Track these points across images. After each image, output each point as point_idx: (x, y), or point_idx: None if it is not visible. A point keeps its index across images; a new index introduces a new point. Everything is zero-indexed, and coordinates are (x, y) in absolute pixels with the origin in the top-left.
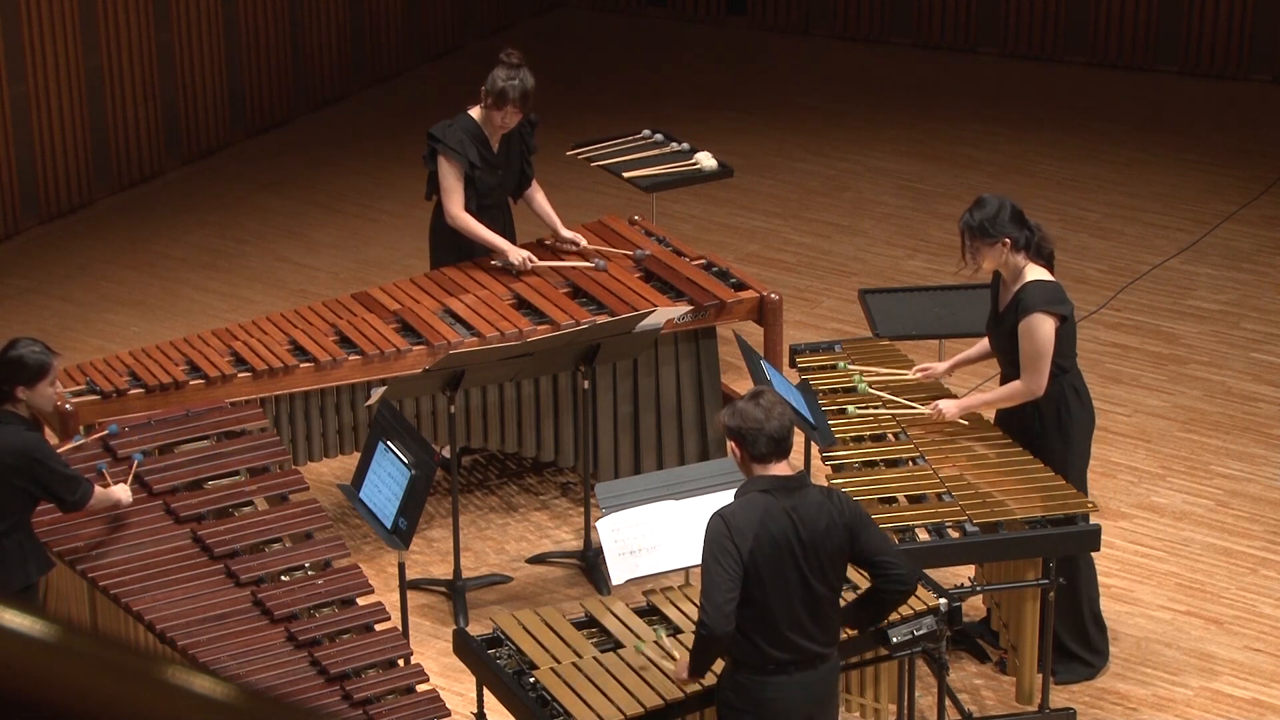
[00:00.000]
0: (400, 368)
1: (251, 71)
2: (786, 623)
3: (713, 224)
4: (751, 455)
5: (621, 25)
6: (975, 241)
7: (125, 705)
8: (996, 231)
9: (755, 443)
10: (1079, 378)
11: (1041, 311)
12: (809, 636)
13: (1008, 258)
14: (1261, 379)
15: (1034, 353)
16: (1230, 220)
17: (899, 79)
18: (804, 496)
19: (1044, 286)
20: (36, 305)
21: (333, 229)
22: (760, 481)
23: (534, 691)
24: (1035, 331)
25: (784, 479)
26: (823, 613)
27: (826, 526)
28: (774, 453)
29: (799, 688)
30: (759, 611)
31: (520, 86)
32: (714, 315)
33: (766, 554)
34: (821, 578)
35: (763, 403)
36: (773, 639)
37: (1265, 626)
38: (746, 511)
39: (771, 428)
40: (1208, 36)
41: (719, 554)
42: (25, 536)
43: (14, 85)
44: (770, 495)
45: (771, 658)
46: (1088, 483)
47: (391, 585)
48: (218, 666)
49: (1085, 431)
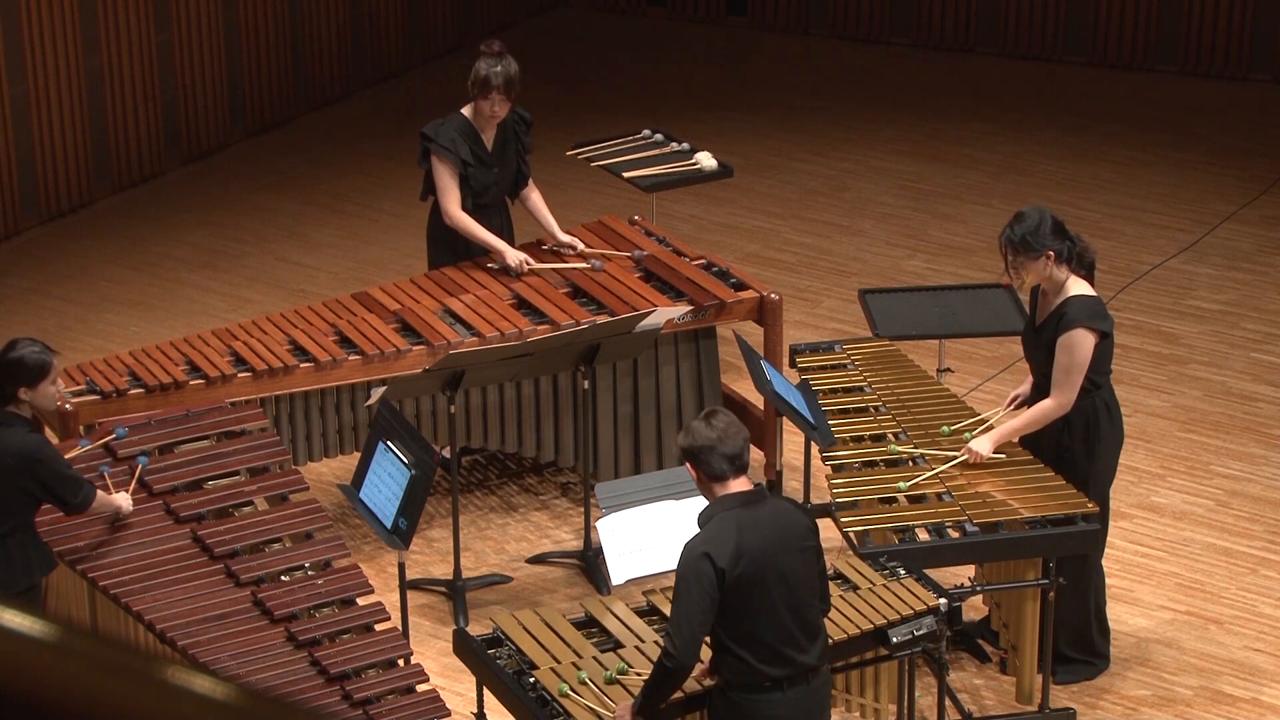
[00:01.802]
0: (400, 368)
1: (251, 71)
2: (777, 637)
3: (713, 224)
4: (708, 475)
5: (621, 25)
6: (1018, 256)
7: (125, 705)
8: (1040, 245)
9: (709, 463)
10: (1112, 395)
11: (1084, 327)
12: (800, 649)
13: (1051, 271)
14: (1261, 379)
15: (1070, 366)
16: (1230, 220)
17: (899, 79)
18: (769, 507)
19: (1087, 301)
20: (36, 305)
21: (333, 229)
22: (726, 501)
23: (534, 691)
24: (1076, 346)
25: (747, 494)
26: (811, 623)
27: (799, 533)
28: (730, 470)
29: (792, 704)
30: (748, 630)
31: (504, 73)
32: (714, 315)
33: (749, 570)
34: (804, 585)
35: (715, 423)
36: (764, 655)
37: (1265, 626)
38: (722, 533)
39: (726, 448)
40: (1208, 36)
41: (694, 585)
42: (29, 538)
43: (14, 85)
44: (739, 511)
45: (765, 675)
46: (1109, 500)
47: (391, 585)
48: (218, 666)
49: (1113, 449)
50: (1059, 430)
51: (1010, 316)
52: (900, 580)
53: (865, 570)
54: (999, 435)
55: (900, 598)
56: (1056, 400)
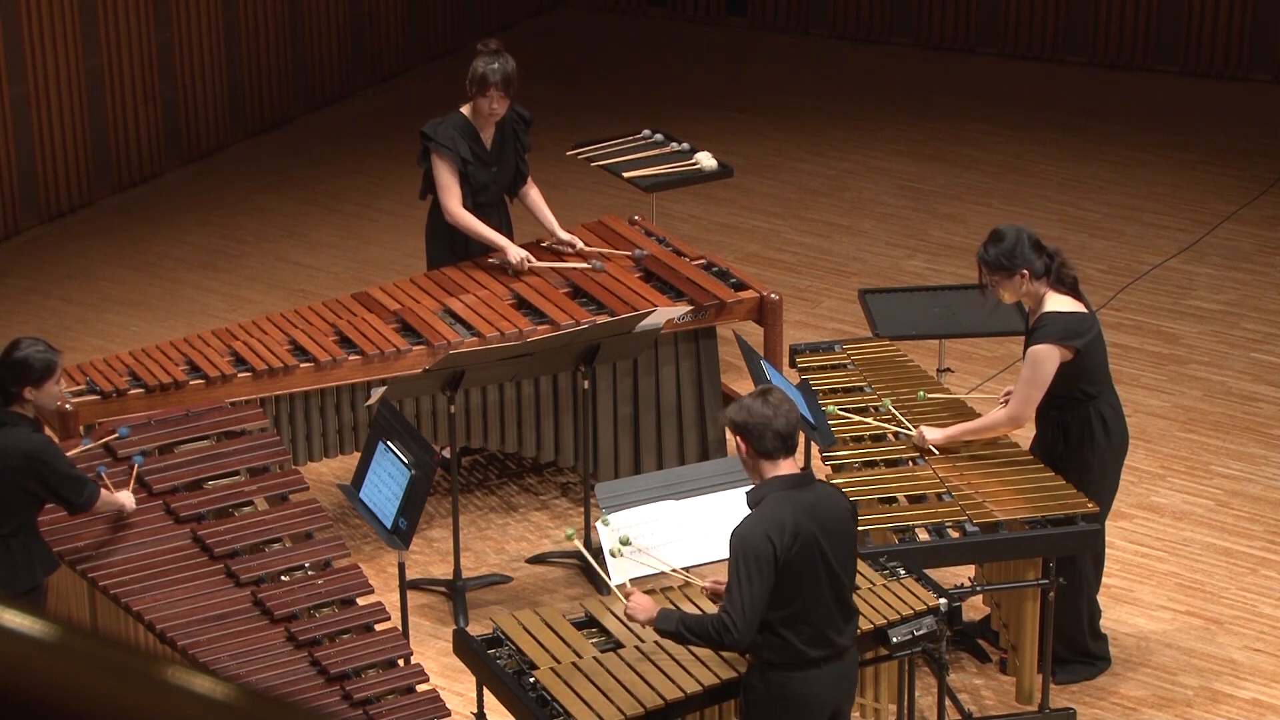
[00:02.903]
0: (400, 368)
1: (251, 71)
2: (822, 619)
3: (713, 224)
4: (758, 451)
5: (621, 25)
6: (993, 275)
7: (125, 705)
8: (1014, 264)
9: (762, 438)
10: (1110, 407)
11: (1051, 343)
12: (838, 630)
13: (1027, 287)
14: (1261, 379)
15: (1029, 380)
16: (1230, 220)
17: (899, 79)
18: (818, 490)
19: (1061, 317)
20: (36, 305)
21: (333, 229)
22: (777, 483)
23: (534, 691)
24: (1038, 361)
25: (798, 476)
26: (848, 604)
27: (840, 516)
28: (781, 449)
29: (828, 681)
30: (796, 612)
31: (501, 70)
32: (714, 315)
33: (802, 554)
34: (845, 568)
35: (770, 400)
36: (808, 637)
37: (1265, 626)
38: (778, 515)
39: (779, 424)
40: (1208, 36)
41: (755, 566)
42: (32, 538)
43: (14, 85)
44: (791, 493)
45: (806, 656)
46: (1109, 510)
47: (391, 585)
48: (218, 666)
49: (1109, 461)
50: (1054, 439)
51: (1010, 316)
52: (900, 580)
53: (865, 570)
54: (951, 433)
55: (900, 598)
56: (1009, 412)
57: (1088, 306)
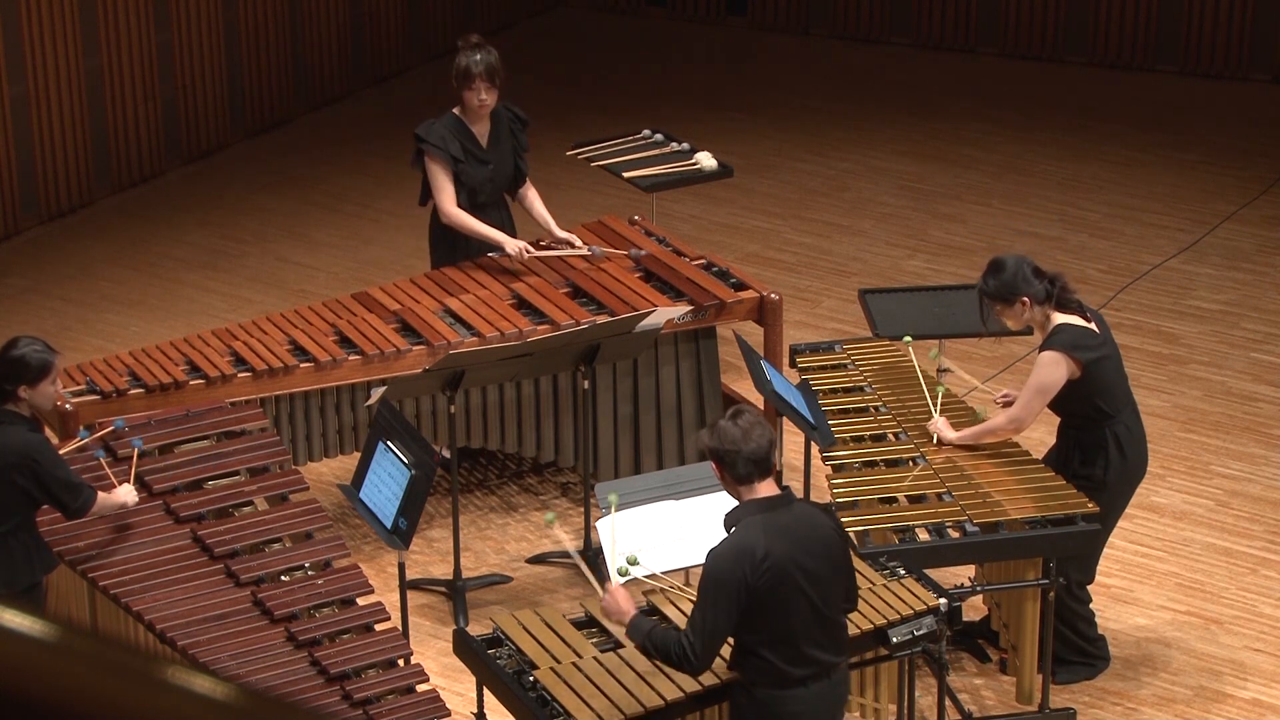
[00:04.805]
0: (400, 368)
1: (251, 71)
2: (802, 639)
3: (713, 224)
4: (732, 476)
5: (621, 25)
6: (996, 305)
7: (125, 705)
8: (1013, 293)
9: (734, 464)
10: (1126, 428)
11: (1060, 350)
12: (822, 648)
13: (1029, 314)
14: (1261, 379)
15: (1034, 385)
16: (1230, 220)
17: (899, 79)
18: (796, 511)
19: (1071, 329)
20: (36, 305)
21: (333, 229)
22: (752, 506)
23: (534, 691)
24: (1045, 367)
25: (774, 499)
26: (835, 622)
27: (821, 535)
28: (755, 473)
29: (816, 699)
30: (774, 634)
31: (484, 61)
32: (714, 315)
33: (776, 577)
34: (829, 589)
35: (740, 423)
36: (790, 656)
37: (1265, 626)
38: (749, 540)
39: (750, 449)
40: (1208, 36)
41: (721, 593)
42: (30, 536)
43: (14, 85)
44: (766, 516)
45: (790, 675)
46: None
47: (391, 585)
48: (218, 666)
49: (1122, 483)
50: (1066, 456)
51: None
52: (900, 580)
53: (865, 570)
54: (963, 435)
55: (900, 598)
56: (1010, 415)
57: (1100, 327)
